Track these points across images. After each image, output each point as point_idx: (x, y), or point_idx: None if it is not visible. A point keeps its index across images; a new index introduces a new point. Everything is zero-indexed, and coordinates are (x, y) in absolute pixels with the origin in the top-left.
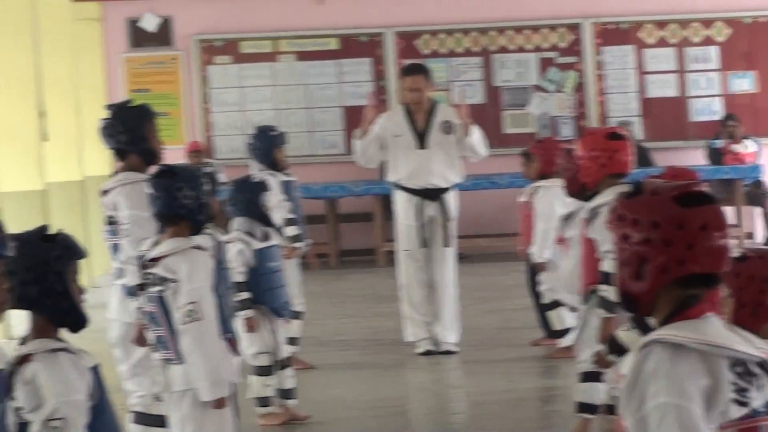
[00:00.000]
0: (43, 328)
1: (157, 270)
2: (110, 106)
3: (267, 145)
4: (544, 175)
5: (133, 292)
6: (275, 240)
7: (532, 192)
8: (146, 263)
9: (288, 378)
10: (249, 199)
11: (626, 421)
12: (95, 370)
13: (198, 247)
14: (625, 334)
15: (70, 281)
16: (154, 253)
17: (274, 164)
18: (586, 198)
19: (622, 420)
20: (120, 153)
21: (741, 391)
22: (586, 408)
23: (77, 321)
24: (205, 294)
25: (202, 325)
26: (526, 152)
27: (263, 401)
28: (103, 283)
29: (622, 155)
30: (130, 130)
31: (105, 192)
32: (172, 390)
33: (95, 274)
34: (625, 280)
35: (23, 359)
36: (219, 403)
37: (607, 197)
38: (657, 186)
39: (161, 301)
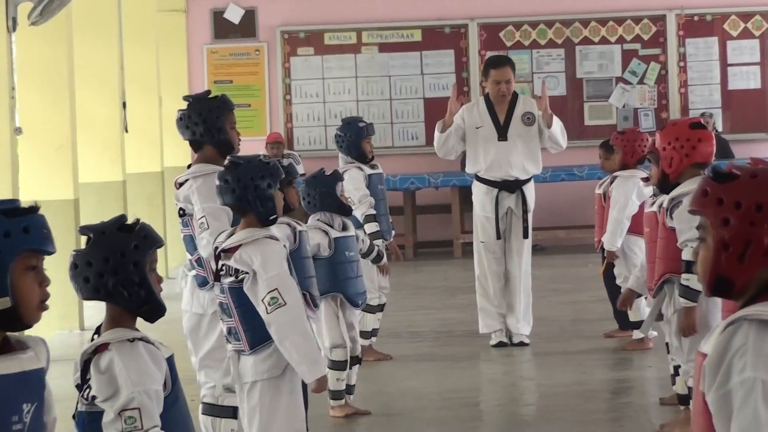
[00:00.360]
0: (119, 318)
1: (230, 261)
2: (187, 97)
3: (355, 136)
4: (625, 166)
5: (204, 283)
6: (352, 230)
7: (610, 181)
8: (219, 254)
9: (354, 374)
10: (324, 192)
11: (708, 398)
12: (170, 360)
13: (270, 237)
14: None
15: (148, 271)
16: (226, 245)
17: (361, 156)
18: (668, 189)
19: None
20: (196, 144)
21: None
22: (686, 399)
23: (154, 311)
24: (284, 280)
25: (287, 310)
26: (607, 144)
27: (336, 394)
28: (177, 274)
29: (706, 145)
30: (206, 122)
31: (179, 184)
32: (243, 381)
33: (171, 265)
34: (723, 264)
35: (99, 348)
36: (320, 384)
37: (689, 186)
38: (755, 169)
39: (233, 292)
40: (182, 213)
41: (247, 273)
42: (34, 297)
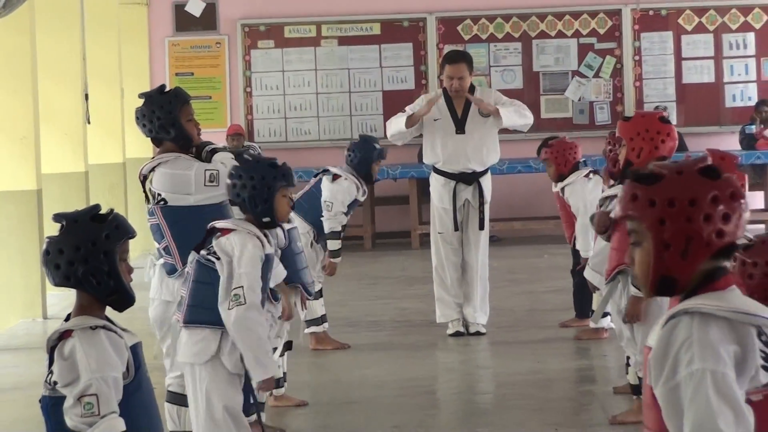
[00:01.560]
0: (88, 306)
1: (215, 243)
2: (142, 95)
3: (368, 155)
4: (561, 176)
5: (173, 271)
6: (296, 222)
7: (560, 191)
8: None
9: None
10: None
11: (656, 392)
12: (136, 348)
13: (257, 236)
14: None
15: (118, 261)
16: (221, 225)
17: (368, 176)
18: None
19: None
20: (156, 141)
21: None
22: (638, 390)
23: (123, 300)
24: (251, 280)
25: (246, 309)
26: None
27: (277, 383)
28: (144, 264)
29: (671, 141)
30: (160, 118)
31: (145, 176)
32: (177, 358)
33: (134, 255)
34: (667, 263)
35: (64, 335)
36: (267, 384)
37: None
38: (679, 165)
39: (198, 266)
40: (161, 201)
41: (219, 259)
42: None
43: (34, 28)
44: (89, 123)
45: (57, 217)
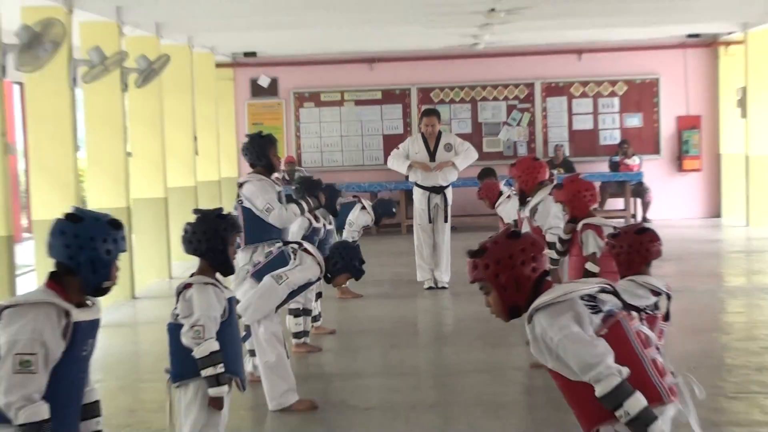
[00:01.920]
0: (205, 270)
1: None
2: (248, 135)
3: (385, 211)
4: (494, 205)
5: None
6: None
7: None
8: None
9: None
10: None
11: (549, 366)
12: (231, 299)
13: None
14: None
15: (229, 245)
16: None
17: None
18: (525, 201)
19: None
20: (252, 164)
21: (593, 307)
22: None
23: (228, 270)
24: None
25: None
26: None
27: (315, 318)
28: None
29: (543, 171)
30: (258, 151)
31: (240, 185)
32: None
33: None
34: (509, 299)
35: (187, 286)
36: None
37: (539, 197)
38: (493, 238)
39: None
40: (241, 201)
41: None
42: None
43: (161, 94)
44: (197, 154)
45: (196, 211)
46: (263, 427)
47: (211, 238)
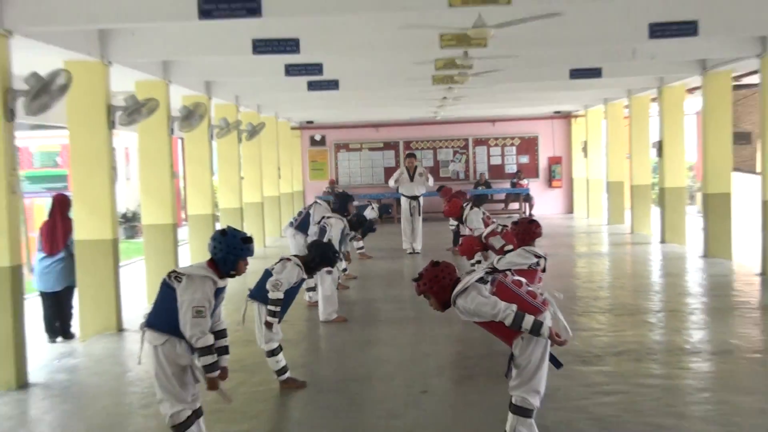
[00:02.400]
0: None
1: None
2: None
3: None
4: (461, 220)
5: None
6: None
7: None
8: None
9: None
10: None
11: (475, 321)
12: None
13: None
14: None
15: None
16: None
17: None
18: (460, 219)
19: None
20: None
21: (483, 281)
22: None
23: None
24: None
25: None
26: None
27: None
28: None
29: (462, 195)
30: (338, 199)
31: (309, 205)
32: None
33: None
34: (443, 300)
35: (282, 260)
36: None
37: (466, 212)
38: (427, 266)
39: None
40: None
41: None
42: (242, 271)
43: (260, 144)
44: (280, 178)
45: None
46: (317, 327)
47: (228, 252)
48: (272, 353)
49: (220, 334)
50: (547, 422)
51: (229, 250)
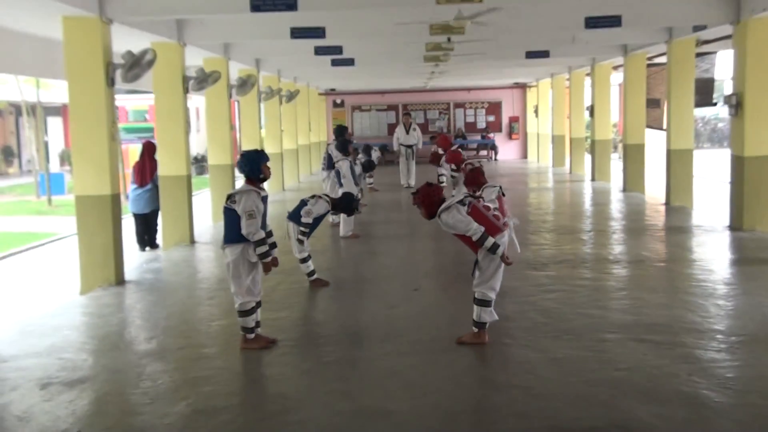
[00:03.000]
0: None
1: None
2: (337, 126)
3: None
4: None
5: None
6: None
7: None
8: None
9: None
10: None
11: (453, 233)
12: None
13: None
14: None
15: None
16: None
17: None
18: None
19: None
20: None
21: (462, 203)
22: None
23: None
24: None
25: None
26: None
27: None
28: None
29: (450, 138)
30: (342, 135)
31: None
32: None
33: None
34: (432, 209)
35: (315, 196)
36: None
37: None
38: (420, 187)
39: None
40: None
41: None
42: (267, 175)
43: (296, 107)
44: (310, 130)
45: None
46: (338, 241)
47: (251, 164)
48: (304, 260)
49: (268, 234)
50: (507, 312)
51: (251, 162)
